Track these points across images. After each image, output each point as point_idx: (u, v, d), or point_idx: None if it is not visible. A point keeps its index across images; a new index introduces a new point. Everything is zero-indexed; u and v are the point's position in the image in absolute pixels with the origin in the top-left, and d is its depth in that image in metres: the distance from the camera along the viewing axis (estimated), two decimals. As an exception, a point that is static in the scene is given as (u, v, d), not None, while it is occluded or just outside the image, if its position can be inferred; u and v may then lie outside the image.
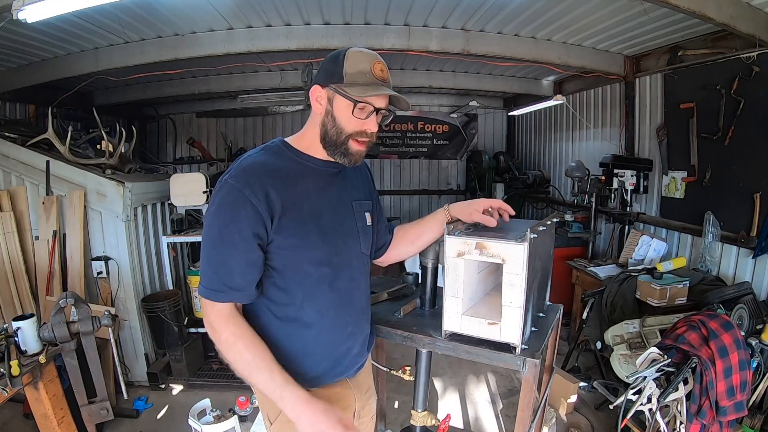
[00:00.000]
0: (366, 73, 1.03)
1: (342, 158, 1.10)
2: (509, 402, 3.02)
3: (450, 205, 1.33)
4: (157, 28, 3.05)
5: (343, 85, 1.03)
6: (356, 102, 1.03)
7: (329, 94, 1.06)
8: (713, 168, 3.05)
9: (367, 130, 1.07)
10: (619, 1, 2.66)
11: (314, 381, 1.15)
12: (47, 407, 1.97)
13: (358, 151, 1.09)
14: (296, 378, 1.12)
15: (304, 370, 1.13)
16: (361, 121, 1.06)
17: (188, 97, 5.39)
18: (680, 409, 1.92)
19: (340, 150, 1.08)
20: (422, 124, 6.66)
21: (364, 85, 1.02)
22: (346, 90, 1.02)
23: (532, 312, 1.24)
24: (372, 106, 1.05)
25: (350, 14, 3.05)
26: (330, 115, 1.06)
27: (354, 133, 1.06)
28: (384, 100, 1.08)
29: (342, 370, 1.20)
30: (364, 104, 1.04)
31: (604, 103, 4.34)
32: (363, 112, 1.05)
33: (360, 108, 1.04)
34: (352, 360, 1.22)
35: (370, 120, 1.06)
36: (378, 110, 1.06)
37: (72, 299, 1.94)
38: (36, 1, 1.83)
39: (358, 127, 1.06)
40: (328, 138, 1.08)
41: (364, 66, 1.03)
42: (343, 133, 1.06)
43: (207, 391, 3.07)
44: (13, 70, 3.53)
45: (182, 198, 3.28)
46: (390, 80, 1.08)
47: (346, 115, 1.04)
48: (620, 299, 2.95)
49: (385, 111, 1.09)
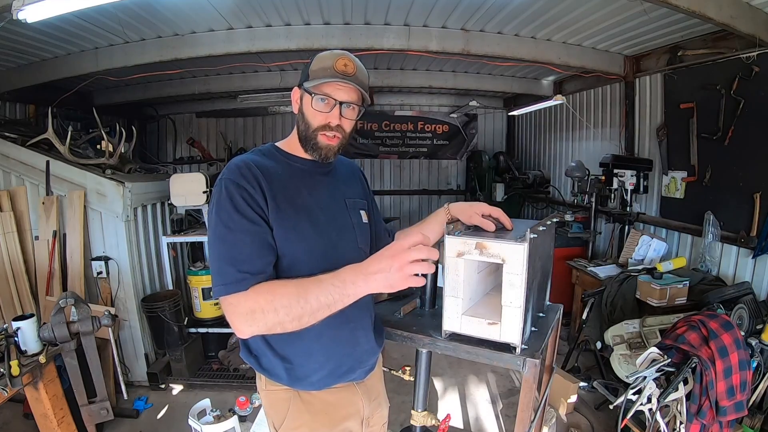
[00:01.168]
0: (327, 68, 1.05)
1: (313, 153, 1.12)
2: (509, 402, 3.02)
3: (450, 204, 1.33)
4: (157, 28, 3.05)
5: (307, 82, 1.07)
6: (312, 93, 1.06)
7: (300, 93, 1.11)
8: (713, 168, 3.05)
9: (330, 123, 1.08)
10: (619, 1, 2.66)
11: (318, 383, 1.14)
12: (47, 407, 1.97)
13: (327, 145, 1.11)
14: (300, 381, 1.12)
15: (307, 372, 1.11)
16: (324, 114, 1.08)
17: (188, 97, 5.38)
18: (680, 409, 1.92)
19: (311, 144, 1.11)
20: (422, 124, 6.65)
21: (322, 78, 1.05)
22: (307, 85, 1.07)
23: (532, 312, 1.24)
24: (332, 99, 1.06)
25: (350, 14, 3.05)
26: (301, 113, 1.11)
27: (319, 127, 1.09)
28: (347, 93, 1.08)
29: (347, 370, 1.17)
30: (324, 96, 1.06)
31: (604, 103, 4.34)
32: (326, 105, 1.07)
33: (320, 100, 1.07)
34: (359, 358, 1.19)
35: (332, 113, 1.08)
36: (341, 103, 1.07)
37: (72, 299, 1.94)
38: (36, 1, 1.83)
39: (322, 121, 1.08)
40: (301, 134, 1.13)
41: (328, 62, 1.06)
42: (310, 127, 1.09)
43: (207, 391, 3.07)
44: (13, 70, 3.53)
45: (182, 198, 3.28)
46: (358, 73, 1.08)
47: (311, 110, 1.08)
48: (620, 299, 2.95)
49: (352, 104, 1.09)
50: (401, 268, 0.86)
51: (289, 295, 0.93)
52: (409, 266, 0.86)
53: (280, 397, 1.14)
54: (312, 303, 0.92)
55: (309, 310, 0.92)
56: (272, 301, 0.93)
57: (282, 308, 0.92)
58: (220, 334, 3.50)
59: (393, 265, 0.87)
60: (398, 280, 0.87)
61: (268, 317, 0.92)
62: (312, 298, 0.92)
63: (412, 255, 0.86)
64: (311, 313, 0.92)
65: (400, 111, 6.60)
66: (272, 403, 1.16)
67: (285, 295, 0.93)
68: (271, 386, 1.15)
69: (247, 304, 0.94)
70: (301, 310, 0.92)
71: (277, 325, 0.94)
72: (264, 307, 0.93)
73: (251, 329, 0.95)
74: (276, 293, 0.94)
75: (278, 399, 1.15)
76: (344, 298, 0.92)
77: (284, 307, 0.92)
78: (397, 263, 0.86)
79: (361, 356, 1.20)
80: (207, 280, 3.32)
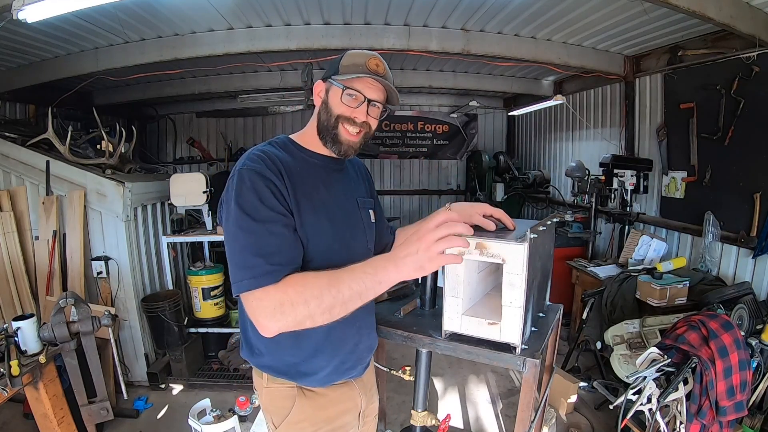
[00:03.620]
0: (360, 65, 1.06)
1: (333, 146, 1.11)
2: (509, 402, 3.02)
3: (451, 204, 1.33)
4: (157, 28, 3.05)
5: (337, 76, 1.07)
6: (344, 87, 1.06)
7: (326, 86, 1.10)
8: (713, 168, 3.05)
9: (356, 117, 1.08)
10: (619, 1, 2.66)
11: (324, 380, 1.14)
12: (47, 407, 1.97)
13: (347, 140, 1.09)
14: (304, 378, 1.13)
15: (313, 370, 1.12)
16: (351, 109, 1.07)
17: (188, 97, 5.38)
18: (680, 409, 1.92)
19: (331, 135, 1.09)
20: (422, 124, 6.66)
21: (354, 73, 1.05)
22: (337, 78, 1.06)
23: (532, 312, 1.24)
24: (362, 95, 1.06)
25: (350, 14, 3.05)
26: (325, 104, 1.10)
27: (343, 115, 1.07)
28: (376, 92, 1.08)
29: (350, 367, 1.19)
30: (354, 92, 1.06)
31: (604, 103, 4.34)
32: (354, 100, 1.07)
33: (349, 95, 1.06)
34: (360, 355, 1.21)
35: (359, 109, 1.07)
36: (369, 101, 1.07)
37: (72, 299, 1.94)
38: (36, 1, 1.83)
39: (348, 113, 1.08)
40: (321, 124, 1.11)
41: (360, 60, 1.07)
42: (332, 115, 1.08)
43: (207, 391, 3.07)
44: (13, 70, 3.53)
45: (182, 198, 3.28)
46: (387, 75, 1.09)
47: (337, 101, 1.08)
48: (620, 299, 2.95)
49: (378, 103, 1.10)
50: (428, 248, 0.85)
51: (320, 285, 0.89)
52: (436, 245, 0.85)
53: (284, 395, 1.15)
54: (344, 292, 0.88)
55: (341, 300, 0.88)
56: (302, 292, 0.88)
57: (313, 299, 0.88)
58: (220, 334, 3.50)
59: (420, 246, 0.86)
60: (427, 261, 0.86)
61: (297, 310, 0.88)
62: (344, 287, 0.88)
63: (437, 233, 0.85)
64: (343, 303, 0.89)
65: (400, 111, 6.60)
66: (274, 400, 1.17)
67: (316, 286, 0.89)
68: (272, 383, 1.15)
69: (276, 297, 0.88)
70: (332, 299, 0.88)
71: (307, 319, 0.89)
72: (294, 299, 0.88)
73: (278, 325, 0.89)
74: (306, 284, 0.89)
75: (281, 396, 1.15)
76: (376, 285, 0.89)
77: (315, 298, 0.88)
78: (423, 244, 0.85)
79: (362, 353, 1.22)
80: (207, 280, 3.32)
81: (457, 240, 0.86)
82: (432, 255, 0.85)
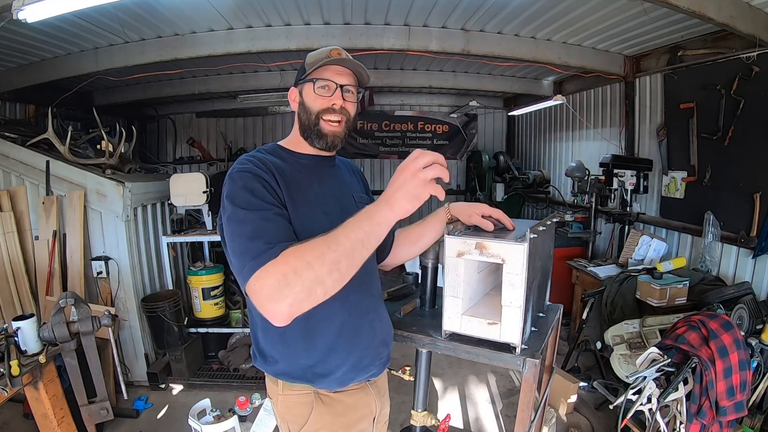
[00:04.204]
0: (323, 58, 1.10)
1: (318, 141, 1.13)
2: (509, 402, 3.02)
3: (451, 204, 1.33)
4: (157, 28, 3.05)
5: (305, 74, 1.11)
6: (314, 80, 1.10)
7: (299, 89, 1.15)
8: (713, 168, 3.05)
9: (334, 105, 1.11)
10: (619, 1, 2.66)
11: (342, 379, 1.13)
12: (47, 407, 1.97)
13: (331, 131, 1.12)
14: (322, 380, 1.11)
15: (330, 369, 1.11)
16: (327, 98, 1.11)
17: (188, 97, 5.38)
18: (680, 409, 1.92)
19: (315, 132, 1.12)
20: (422, 124, 6.65)
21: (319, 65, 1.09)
22: (306, 76, 1.11)
23: (532, 312, 1.24)
24: (333, 83, 1.10)
25: (350, 14, 3.05)
26: (302, 105, 1.14)
27: (321, 110, 1.11)
28: (345, 78, 1.12)
29: (368, 363, 1.17)
30: (324, 81, 1.10)
31: (604, 103, 4.34)
32: (327, 90, 1.10)
33: (321, 86, 1.10)
34: (377, 350, 1.18)
35: (335, 96, 1.11)
36: (342, 86, 1.11)
37: (72, 299, 1.94)
38: (36, 1, 1.83)
39: (325, 104, 1.11)
40: (303, 125, 1.15)
41: (321, 54, 1.11)
42: (312, 113, 1.11)
43: (207, 391, 3.07)
44: (13, 70, 3.53)
45: (182, 198, 3.28)
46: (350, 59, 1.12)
47: (312, 96, 1.12)
48: (620, 299, 2.95)
49: (350, 87, 1.13)
50: (415, 174, 0.84)
51: (317, 245, 0.86)
52: (423, 172, 0.84)
53: (301, 401, 1.13)
54: (344, 243, 0.86)
55: (344, 252, 0.86)
56: (302, 256, 0.85)
57: (315, 259, 0.84)
58: (220, 334, 3.50)
59: (407, 176, 0.85)
60: (419, 187, 0.84)
61: (303, 276, 0.83)
62: (343, 238, 0.87)
63: (420, 161, 0.85)
64: (348, 255, 0.86)
65: (400, 111, 6.60)
66: (290, 408, 1.14)
67: (314, 246, 0.86)
68: (289, 390, 1.13)
69: (277, 269, 0.85)
70: (334, 254, 0.85)
71: (316, 284, 0.84)
72: (296, 265, 0.84)
73: (287, 301, 0.83)
74: (305, 248, 0.87)
75: (298, 403, 1.13)
76: (375, 227, 0.88)
77: (316, 258, 0.84)
78: (409, 173, 0.85)
79: (378, 347, 1.19)
80: (207, 280, 3.32)
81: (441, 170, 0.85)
82: (422, 181, 0.84)
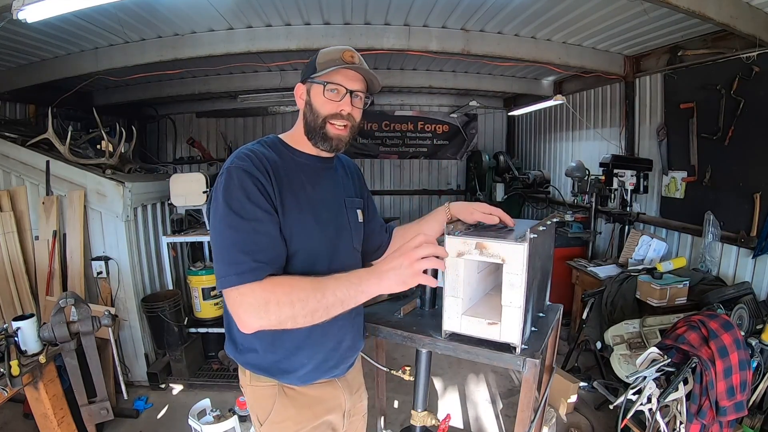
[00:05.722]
0: (335, 60, 1.07)
1: (323, 144, 1.12)
2: (509, 402, 3.02)
3: (450, 204, 1.34)
4: (157, 28, 3.05)
5: (315, 74, 1.08)
6: (325, 83, 1.07)
7: (307, 87, 1.12)
8: (713, 168, 3.05)
9: (342, 111, 1.09)
10: (619, 1, 2.66)
11: (305, 378, 1.15)
12: (47, 407, 1.97)
13: (336, 134, 1.11)
14: (285, 376, 1.14)
15: (294, 367, 1.13)
16: (335, 103, 1.09)
17: (188, 97, 5.38)
18: (680, 409, 1.92)
19: (320, 134, 1.11)
20: (422, 124, 6.66)
21: (332, 67, 1.07)
22: (317, 75, 1.08)
23: (532, 312, 1.24)
24: (344, 88, 1.08)
25: (350, 14, 3.05)
26: (308, 105, 1.12)
27: (329, 115, 1.09)
28: (356, 83, 1.10)
29: (332, 366, 1.20)
30: (335, 86, 1.08)
31: (604, 103, 4.34)
32: (336, 94, 1.09)
33: (331, 90, 1.08)
34: (343, 354, 1.22)
35: (343, 101, 1.09)
36: (351, 92, 1.09)
37: (72, 299, 1.94)
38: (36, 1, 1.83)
39: (333, 109, 1.09)
40: (308, 126, 1.12)
41: (334, 54, 1.08)
42: (319, 116, 1.10)
43: (207, 391, 3.07)
44: (13, 70, 3.53)
45: (182, 198, 3.28)
46: (363, 64, 1.10)
47: (321, 99, 1.09)
48: (620, 299, 2.95)
49: (360, 93, 1.12)
50: (411, 264, 0.89)
51: (306, 288, 0.92)
52: (419, 263, 0.89)
53: (265, 393, 1.16)
54: (328, 298, 0.91)
55: (324, 305, 0.92)
56: (289, 293, 0.91)
57: (298, 302, 0.91)
58: (220, 334, 3.50)
59: (403, 262, 0.90)
60: (409, 276, 0.90)
61: (282, 310, 0.91)
62: (329, 292, 0.92)
63: (420, 252, 0.89)
64: (326, 308, 0.92)
65: (400, 111, 6.60)
66: (257, 398, 1.18)
67: (303, 289, 0.92)
68: (255, 381, 1.17)
69: (263, 295, 0.91)
70: (317, 303, 0.91)
71: (289, 320, 0.92)
72: (280, 299, 0.91)
73: (260, 323, 0.92)
74: (294, 286, 0.92)
75: (263, 394, 1.17)
76: (359, 294, 0.93)
77: (301, 300, 0.91)
78: (407, 260, 0.89)
79: (345, 353, 1.23)
80: (207, 280, 3.32)
81: (437, 262, 0.90)
82: (414, 271, 0.89)
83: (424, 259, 0.89)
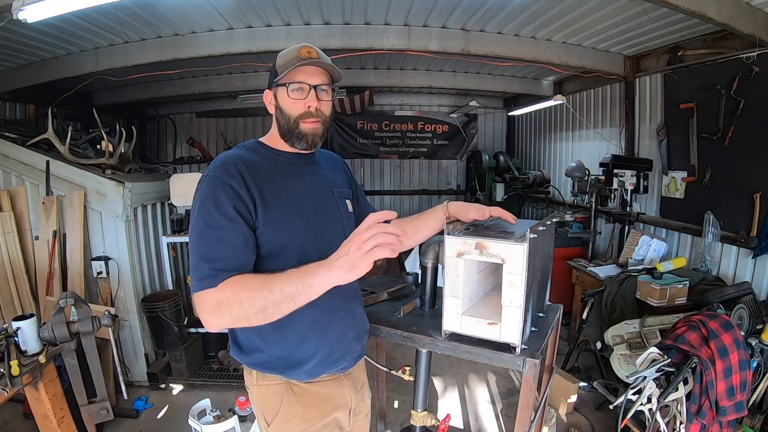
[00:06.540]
0: (293, 59, 1.09)
1: (299, 143, 1.14)
2: (509, 402, 3.01)
3: (449, 203, 1.34)
4: (157, 28, 3.05)
5: (278, 77, 1.11)
6: (288, 84, 1.09)
7: (273, 92, 1.16)
8: (713, 168, 3.05)
9: (310, 108, 1.11)
10: (619, 1, 2.66)
11: (311, 372, 1.15)
12: (47, 407, 1.97)
13: (311, 129, 1.13)
14: (292, 371, 1.14)
15: (301, 359, 1.13)
16: (302, 101, 1.11)
17: (188, 97, 5.39)
18: (680, 409, 1.92)
19: (295, 135, 1.13)
20: (422, 124, 6.66)
21: (290, 67, 1.09)
22: (279, 79, 1.10)
23: (532, 312, 1.24)
24: (306, 84, 1.10)
25: (350, 14, 3.05)
26: (278, 109, 1.15)
27: (299, 115, 1.12)
28: (318, 77, 1.12)
29: (338, 358, 1.20)
30: (297, 84, 1.09)
31: (604, 103, 4.34)
32: (301, 92, 1.11)
33: (295, 89, 1.10)
34: (348, 346, 1.22)
35: (309, 98, 1.11)
36: (315, 87, 1.11)
37: (72, 299, 1.94)
38: (36, 1, 1.83)
39: (302, 109, 1.11)
40: (282, 129, 1.15)
41: (291, 54, 1.10)
42: (291, 118, 1.12)
43: (207, 391, 3.07)
44: (13, 70, 3.53)
45: (182, 198, 3.28)
46: (321, 56, 1.11)
47: (288, 101, 1.12)
48: (620, 299, 2.95)
49: (324, 86, 1.13)
50: (358, 247, 0.88)
51: (253, 287, 0.94)
52: (365, 244, 0.88)
53: (273, 391, 1.16)
54: (276, 294, 0.92)
55: (273, 302, 0.92)
56: (237, 293, 0.94)
57: (246, 300, 0.93)
58: (219, 334, 3.49)
59: (350, 247, 0.89)
60: (357, 260, 0.88)
61: (232, 309, 0.93)
62: (276, 289, 0.93)
63: (366, 234, 0.88)
64: (275, 305, 0.93)
65: (400, 111, 6.60)
66: (264, 398, 1.18)
67: (250, 287, 0.94)
68: (262, 381, 1.17)
69: (214, 296, 0.95)
70: (264, 301, 0.92)
71: (242, 318, 0.94)
72: (229, 298, 0.93)
73: (217, 321, 0.96)
74: (242, 285, 0.95)
75: (270, 393, 1.17)
76: (308, 288, 0.93)
77: (248, 299, 0.93)
78: (354, 245, 0.89)
79: (350, 342, 1.23)
80: (207, 280, 3.32)
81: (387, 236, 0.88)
82: (361, 254, 0.88)
83: (369, 240, 0.87)
